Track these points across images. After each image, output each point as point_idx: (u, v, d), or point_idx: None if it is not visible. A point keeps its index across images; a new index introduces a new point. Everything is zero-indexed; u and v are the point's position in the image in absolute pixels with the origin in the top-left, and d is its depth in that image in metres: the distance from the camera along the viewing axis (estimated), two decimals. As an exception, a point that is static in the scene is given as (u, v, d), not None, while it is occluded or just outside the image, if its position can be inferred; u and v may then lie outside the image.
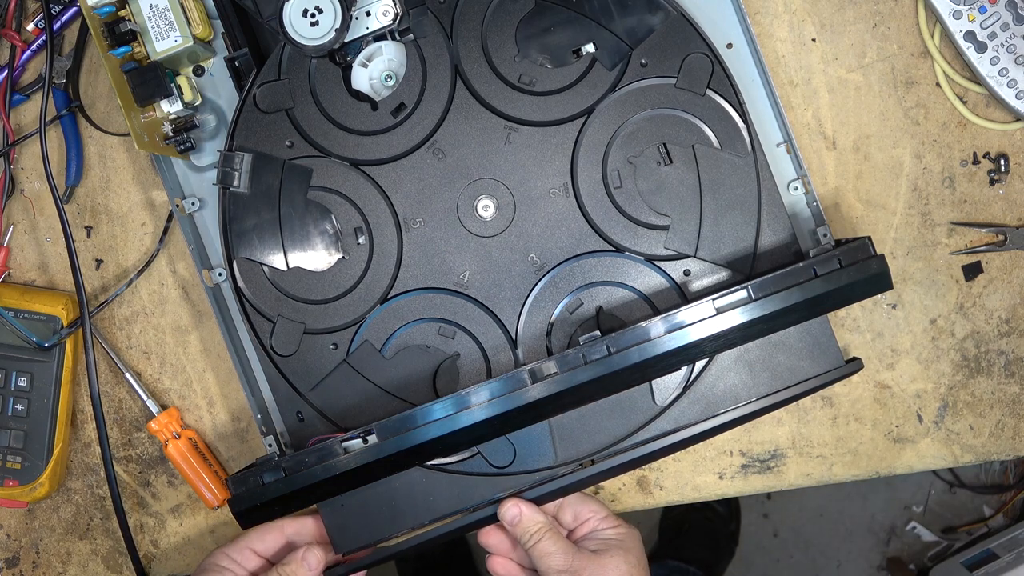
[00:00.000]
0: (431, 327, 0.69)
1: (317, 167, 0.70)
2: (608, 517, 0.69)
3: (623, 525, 0.69)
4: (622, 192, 0.68)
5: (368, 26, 0.68)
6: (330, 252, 0.70)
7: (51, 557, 0.79)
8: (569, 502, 0.70)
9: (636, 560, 0.67)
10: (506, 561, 0.70)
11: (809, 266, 0.62)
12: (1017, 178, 0.72)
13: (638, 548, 0.68)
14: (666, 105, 0.68)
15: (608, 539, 0.67)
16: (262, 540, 0.69)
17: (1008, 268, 0.72)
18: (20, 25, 0.76)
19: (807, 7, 0.72)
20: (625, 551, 0.66)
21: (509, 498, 0.67)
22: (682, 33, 0.67)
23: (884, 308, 0.73)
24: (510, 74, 0.68)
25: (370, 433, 0.63)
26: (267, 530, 0.69)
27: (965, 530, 1.48)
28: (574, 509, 0.70)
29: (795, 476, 0.74)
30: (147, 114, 0.69)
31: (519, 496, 0.67)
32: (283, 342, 0.70)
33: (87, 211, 0.77)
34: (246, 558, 0.68)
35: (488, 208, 0.69)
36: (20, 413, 0.75)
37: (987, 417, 0.73)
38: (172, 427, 0.75)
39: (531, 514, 0.67)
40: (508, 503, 0.67)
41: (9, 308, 0.73)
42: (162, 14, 0.67)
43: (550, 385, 0.62)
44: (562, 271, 0.69)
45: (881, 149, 0.72)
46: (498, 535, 0.70)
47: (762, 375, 0.67)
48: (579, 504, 0.70)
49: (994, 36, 0.68)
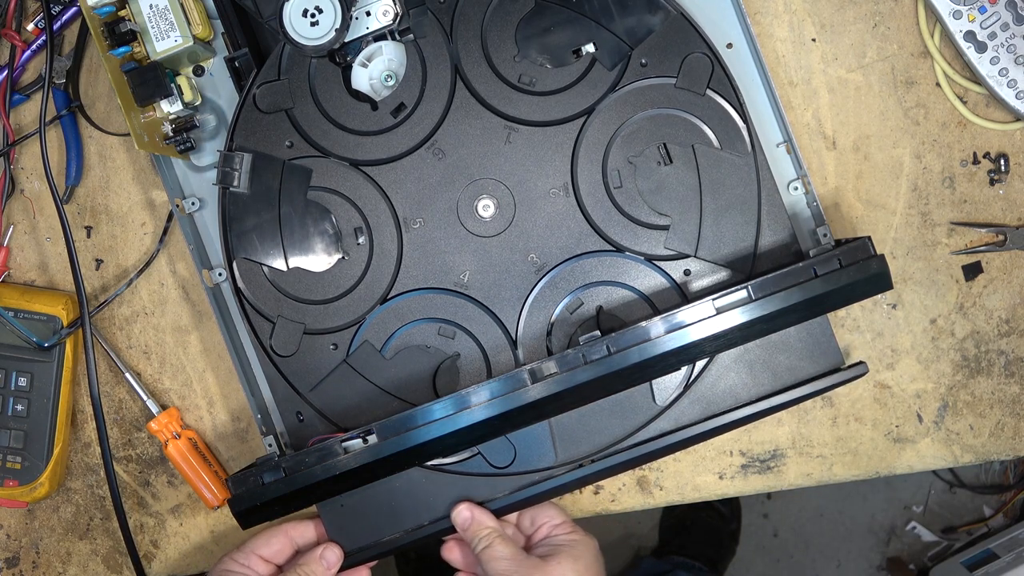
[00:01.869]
0: (431, 327, 0.69)
1: (317, 167, 0.70)
2: (564, 524, 0.69)
3: (577, 532, 0.68)
4: (622, 192, 0.68)
5: (368, 26, 0.68)
6: (330, 252, 0.70)
7: (51, 557, 0.79)
8: (527, 510, 0.70)
9: (584, 568, 0.66)
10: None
11: (809, 266, 0.62)
12: (1017, 178, 0.72)
13: (589, 556, 0.67)
14: (666, 105, 0.68)
15: (559, 544, 0.67)
16: (268, 545, 0.69)
17: (1008, 268, 0.72)
18: (20, 25, 0.76)
19: (807, 7, 0.72)
20: (574, 558, 0.66)
21: (461, 502, 0.68)
22: (682, 33, 0.67)
23: (884, 308, 0.73)
24: (510, 74, 0.68)
25: (370, 433, 0.63)
26: (272, 535, 0.69)
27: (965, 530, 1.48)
28: (531, 515, 0.70)
29: (795, 476, 0.74)
30: (147, 114, 0.69)
31: (471, 501, 0.68)
32: (283, 342, 0.70)
33: (87, 211, 0.77)
34: (254, 563, 0.68)
35: (488, 208, 0.69)
36: (20, 413, 0.75)
37: (987, 417, 0.73)
38: (172, 427, 0.75)
39: (482, 518, 0.67)
40: (460, 506, 0.67)
41: (9, 308, 0.73)
42: (162, 14, 0.67)
43: (550, 385, 0.62)
44: (562, 271, 0.69)
45: (881, 149, 0.72)
46: (460, 549, 0.70)
47: (762, 375, 0.67)
48: (536, 510, 0.70)
49: (994, 36, 0.68)
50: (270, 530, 0.70)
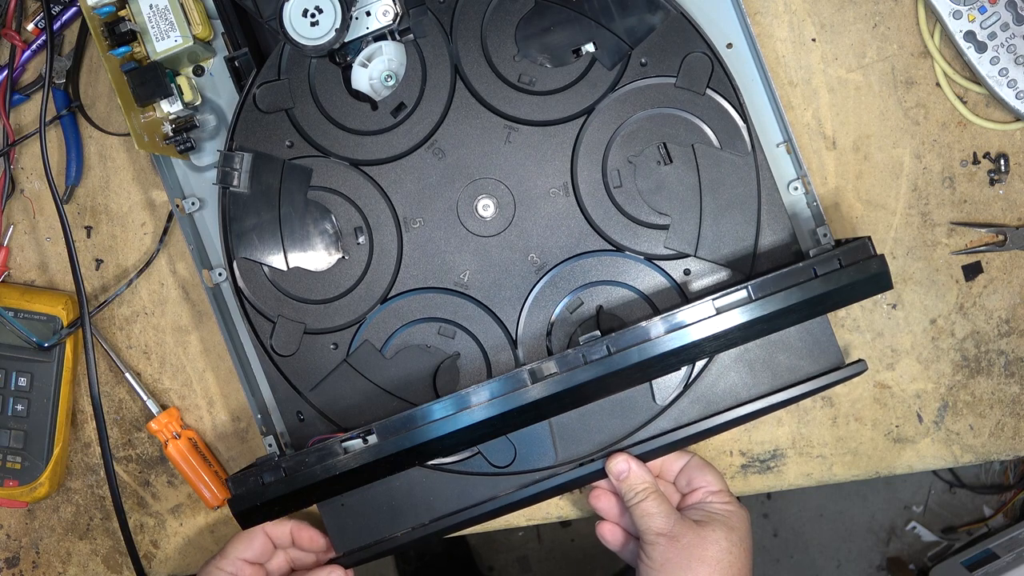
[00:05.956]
0: (431, 327, 0.69)
1: (317, 167, 0.70)
2: (721, 492, 0.67)
3: (733, 503, 0.67)
4: (622, 191, 0.68)
5: (368, 26, 0.68)
6: (330, 252, 0.70)
7: (51, 557, 0.79)
8: (688, 467, 0.69)
9: (739, 539, 0.65)
10: (614, 527, 0.70)
11: (809, 266, 0.62)
12: (1017, 178, 0.72)
13: (743, 528, 0.66)
14: (666, 104, 0.68)
15: (714, 512, 0.66)
16: (250, 547, 0.69)
17: (1008, 268, 0.72)
18: (20, 25, 0.76)
19: (807, 7, 0.72)
20: (729, 528, 0.65)
21: (619, 452, 0.66)
22: (682, 32, 0.67)
23: (884, 308, 0.73)
24: (510, 74, 0.68)
25: (370, 433, 0.63)
26: (251, 537, 0.69)
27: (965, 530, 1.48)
28: (689, 475, 0.69)
29: (795, 476, 0.74)
30: (147, 114, 0.69)
31: (628, 452, 0.66)
32: (283, 342, 0.70)
33: (87, 211, 0.77)
34: (239, 568, 0.68)
35: (488, 208, 0.69)
36: (20, 413, 0.75)
37: (987, 417, 0.73)
38: (172, 427, 0.75)
39: (639, 472, 0.66)
40: (618, 457, 0.66)
41: (9, 308, 0.73)
42: (162, 14, 0.67)
43: (550, 385, 0.62)
44: (562, 271, 0.69)
45: (881, 149, 0.72)
46: (608, 499, 0.69)
47: (762, 374, 0.67)
48: (696, 471, 0.69)
49: (994, 36, 0.68)
50: (247, 532, 0.69)
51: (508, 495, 0.68)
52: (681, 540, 0.64)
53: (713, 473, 0.68)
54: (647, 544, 0.65)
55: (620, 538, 0.70)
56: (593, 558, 1.52)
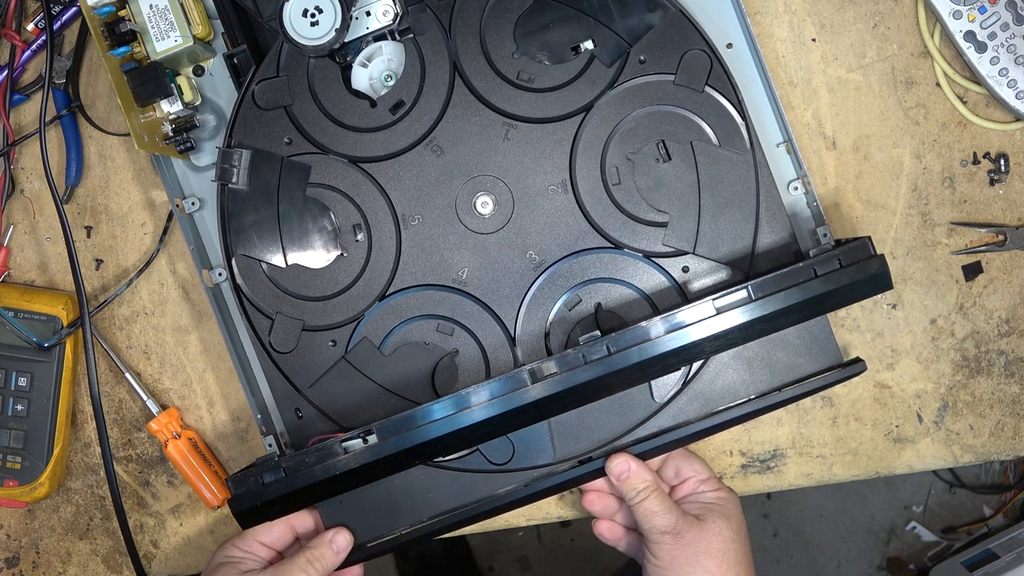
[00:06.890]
0: (430, 324, 0.69)
1: (316, 164, 0.70)
2: (710, 479, 0.69)
3: (723, 489, 0.68)
4: (621, 189, 0.68)
5: (368, 26, 0.68)
6: (329, 249, 0.70)
7: (51, 557, 0.79)
8: (672, 457, 0.70)
9: (737, 526, 0.66)
10: (612, 524, 0.70)
11: (809, 266, 0.62)
12: (1017, 178, 0.72)
13: (738, 513, 0.67)
14: (665, 102, 0.68)
15: (709, 503, 0.67)
16: (269, 532, 0.69)
17: (1008, 268, 0.72)
18: (20, 25, 0.76)
19: (807, 7, 0.72)
20: (727, 517, 0.66)
21: (619, 452, 0.67)
22: (680, 30, 0.67)
23: (884, 308, 0.73)
24: (508, 71, 0.68)
25: (370, 433, 0.63)
26: (272, 522, 0.69)
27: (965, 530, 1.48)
28: (676, 465, 0.70)
29: (795, 476, 0.74)
30: (147, 114, 0.69)
31: (627, 452, 0.67)
32: (282, 339, 0.70)
33: (87, 211, 0.77)
34: (255, 548, 0.68)
35: (487, 205, 0.69)
36: (20, 413, 0.75)
37: (987, 417, 0.73)
38: (172, 427, 0.75)
39: (640, 471, 0.66)
40: (618, 457, 0.67)
41: (9, 308, 0.73)
42: (162, 14, 0.67)
43: (550, 385, 0.62)
44: (561, 268, 0.69)
45: (881, 149, 0.72)
46: (603, 501, 0.70)
47: (761, 372, 0.67)
48: (682, 461, 0.69)
49: (994, 36, 0.68)
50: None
51: (506, 493, 0.68)
52: (686, 536, 0.64)
53: (699, 461, 0.70)
54: (653, 543, 0.65)
55: (618, 533, 0.70)
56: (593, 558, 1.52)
